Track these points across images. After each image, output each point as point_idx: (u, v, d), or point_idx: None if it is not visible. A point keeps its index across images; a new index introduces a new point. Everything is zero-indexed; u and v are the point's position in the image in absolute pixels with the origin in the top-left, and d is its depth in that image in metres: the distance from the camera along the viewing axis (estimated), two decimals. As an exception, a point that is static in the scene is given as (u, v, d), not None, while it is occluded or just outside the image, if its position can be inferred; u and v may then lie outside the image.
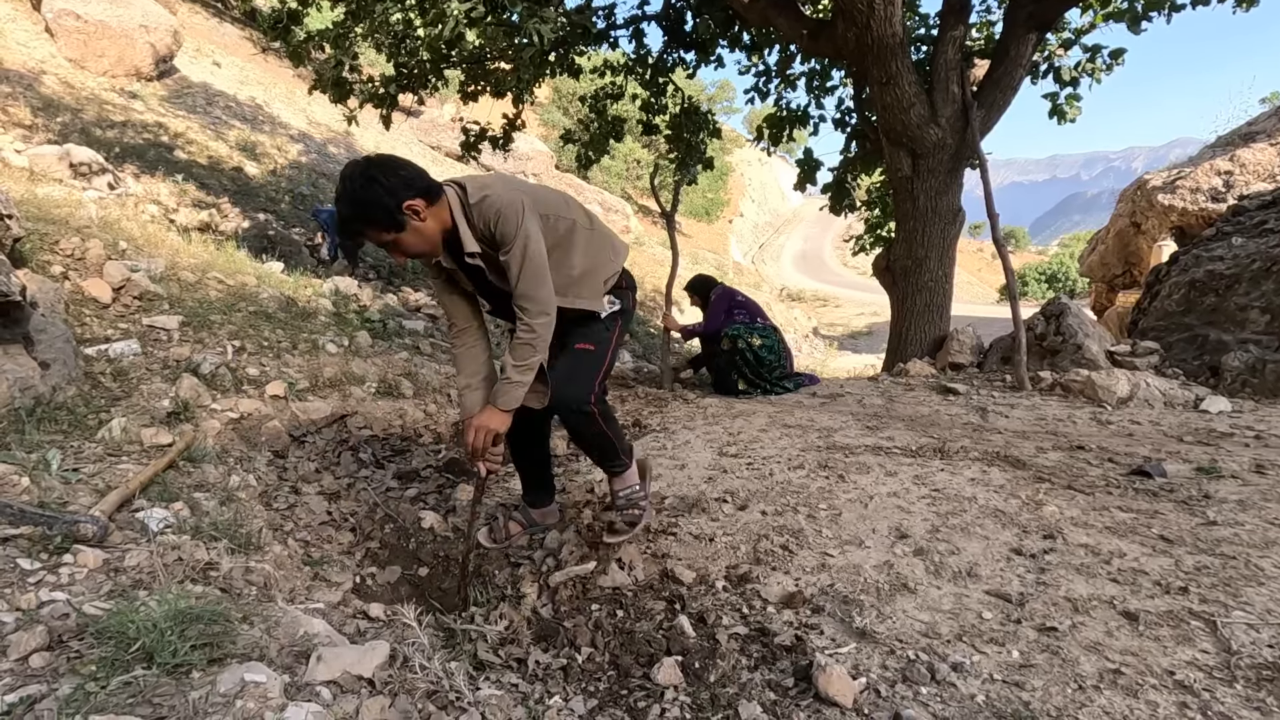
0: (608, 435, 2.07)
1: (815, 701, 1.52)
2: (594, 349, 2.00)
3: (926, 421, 3.73)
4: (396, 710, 1.34)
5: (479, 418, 1.89)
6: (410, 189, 1.66)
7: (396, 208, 1.65)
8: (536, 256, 1.77)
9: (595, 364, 2.00)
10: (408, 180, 1.67)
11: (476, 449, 1.90)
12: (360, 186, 1.64)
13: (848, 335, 21.98)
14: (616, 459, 2.16)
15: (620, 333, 2.10)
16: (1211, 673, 1.55)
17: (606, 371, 2.04)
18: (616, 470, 2.19)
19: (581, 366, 1.98)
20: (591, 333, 2.03)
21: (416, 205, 1.67)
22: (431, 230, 1.73)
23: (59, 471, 1.92)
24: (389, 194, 1.64)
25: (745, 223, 40.11)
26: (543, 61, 6.99)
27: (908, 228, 6.11)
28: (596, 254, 2.01)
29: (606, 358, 2.03)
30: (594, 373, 1.99)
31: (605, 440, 2.09)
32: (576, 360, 1.99)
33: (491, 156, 15.54)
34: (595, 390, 1.98)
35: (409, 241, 1.72)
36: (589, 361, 1.99)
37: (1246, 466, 2.82)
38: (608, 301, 2.06)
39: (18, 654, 1.21)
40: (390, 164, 1.69)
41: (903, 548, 2.19)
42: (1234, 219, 6.00)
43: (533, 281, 1.77)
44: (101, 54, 11.42)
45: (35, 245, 3.30)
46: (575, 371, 1.98)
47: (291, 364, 3.39)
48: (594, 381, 1.98)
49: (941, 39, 5.77)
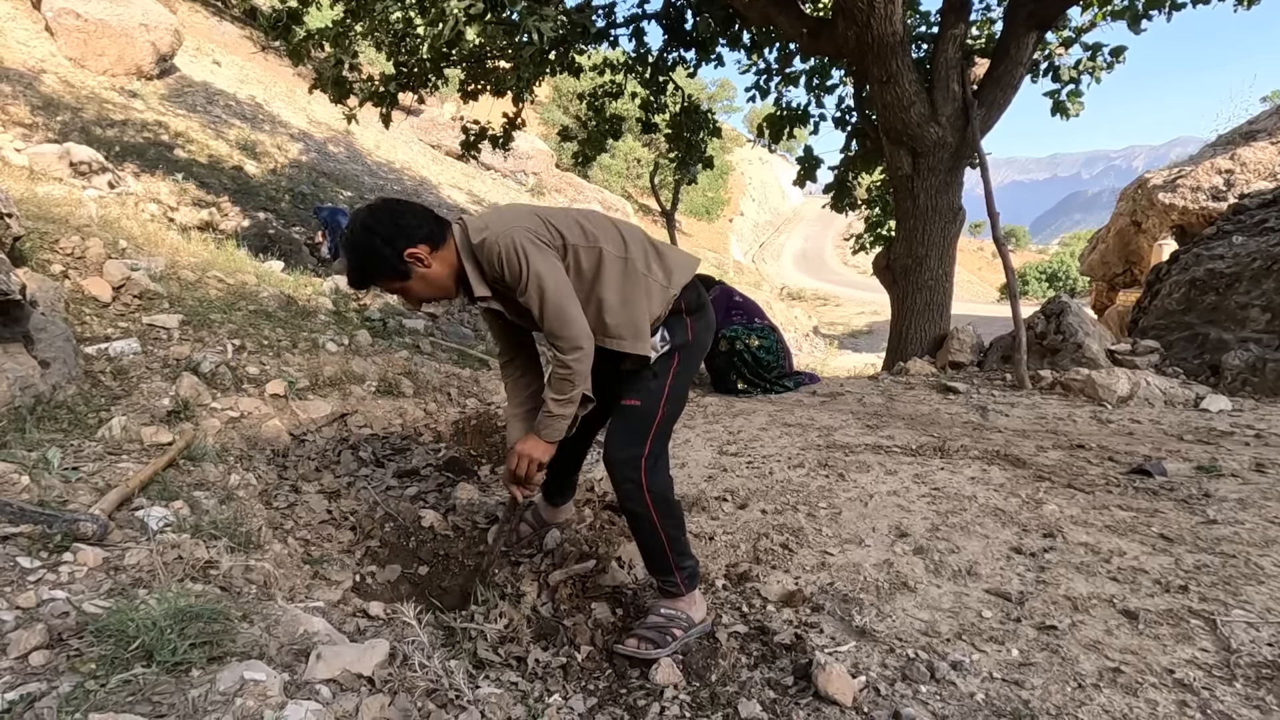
0: (658, 530, 1.76)
1: (815, 700, 1.52)
2: (640, 404, 1.77)
3: (926, 420, 3.73)
4: (396, 708, 1.34)
5: (523, 445, 1.78)
6: (410, 237, 1.63)
7: (397, 257, 1.62)
8: (554, 291, 1.61)
9: (643, 421, 1.76)
10: (407, 229, 1.63)
11: (518, 476, 1.81)
12: (360, 239, 1.63)
13: (848, 334, 21.97)
14: (667, 574, 1.80)
15: (677, 374, 1.81)
16: (1211, 671, 1.55)
17: (662, 428, 1.78)
18: (669, 590, 1.83)
19: (628, 426, 1.78)
20: (638, 383, 1.78)
21: (418, 253, 1.64)
22: (439, 275, 1.68)
23: (59, 470, 1.92)
24: (387, 244, 1.61)
25: (745, 222, 40.12)
26: (543, 60, 6.99)
27: (908, 226, 6.10)
28: (633, 287, 1.74)
29: (658, 412, 1.77)
30: (642, 432, 1.76)
31: (653, 536, 1.77)
32: (622, 419, 1.79)
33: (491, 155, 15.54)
34: (646, 452, 1.75)
35: (417, 289, 1.69)
36: (635, 419, 1.77)
37: (1247, 465, 2.82)
38: (659, 339, 1.79)
39: (18, 652, 1.21)
40: (390, 212, 1.67)
41: (902, 546, 2.19)
42: (1235, 217, 5.99)
43: (557, 318, 1.62)
44: (101, 53, 11.41)
45: (35, 244, 3.30)
46: (621, 432, 1.78)
47: (291, 363, 3.39)
48: (644, 442, 1.75)
49: (942, 37, 5.76)
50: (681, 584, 1.82)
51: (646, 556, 1.84)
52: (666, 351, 1.80)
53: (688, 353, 1.84)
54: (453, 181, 17.98)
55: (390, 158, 16.80)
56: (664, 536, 1.77)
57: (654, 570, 1.84)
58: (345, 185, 12.91)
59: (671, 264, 1.81)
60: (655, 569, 1.84)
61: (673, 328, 1.81)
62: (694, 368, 1.86)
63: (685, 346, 1.83)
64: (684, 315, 1.83)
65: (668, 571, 1.81)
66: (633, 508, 1.76)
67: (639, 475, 1.73)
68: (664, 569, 1.81)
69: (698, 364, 1.89)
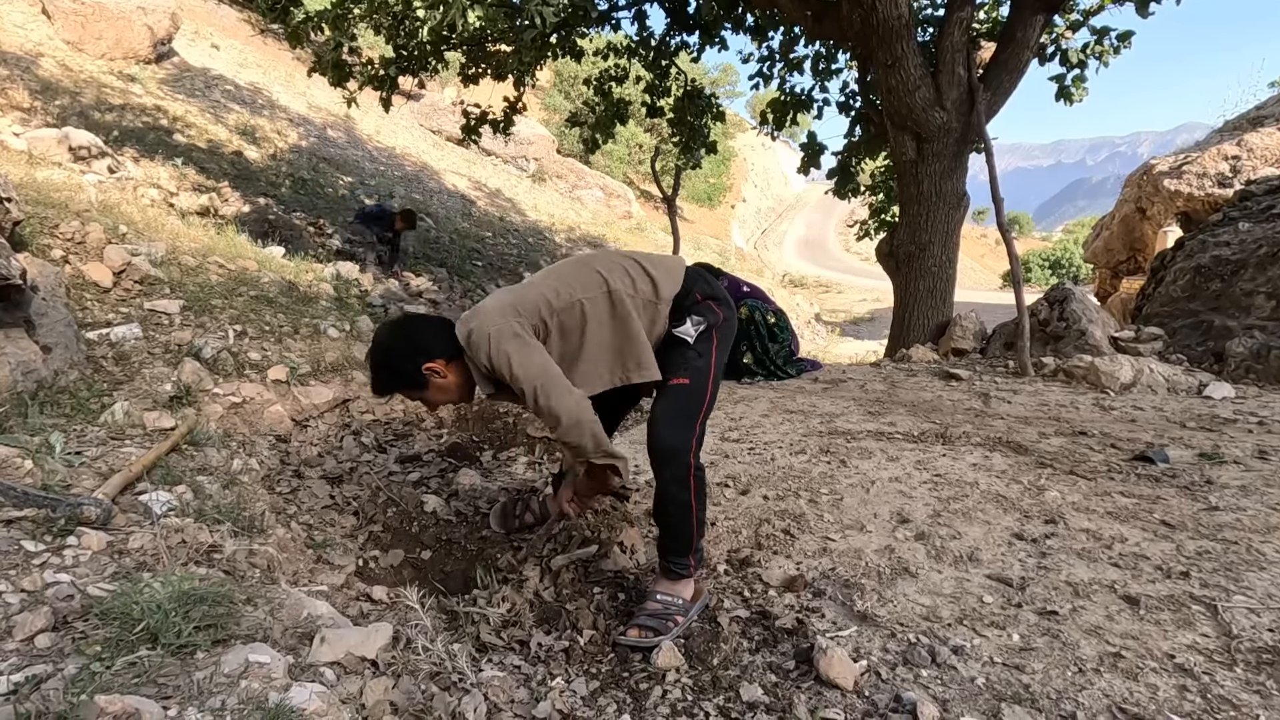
0: (692, 513, 1.76)
1: (816, 684, 1.53)
2: (689, 383, 1.74)
3: (929, 407, 3.73)
4: (400, 691, 1.35)
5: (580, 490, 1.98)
6: (427, 354, 1.77)
7: (415, 371, 1.77)
8: (536, 378, 1.66)
9: (692, 403, 1.74)
10: (425, 346, 1.78)
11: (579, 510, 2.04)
12: (383, 354, 1.80)
13: (850, 321, 21.92)
14: (684, 554, 1.81)
15: (719, 352, 1.81)
16: (1211, 656, 1.56)
17: (707, 411, 1.77)
18: (677, 571, 1.82)
19: (679, 409, 1.74)
20: (685, 361, 1.75)
21: (435, 367, 1.77)
22: (455, 384, 1.81)
23: (62, 455, 1.93)
24: (407, 359, 1.77)
25: (748, 208, 39.90)
26: (544, 43, 6.93)
27: (911, 212, 6.07)
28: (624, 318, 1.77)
29: (706, 391, 1.75)
30: (692, 415, 1.74)
31: (687, 519, 1.77)
32: (672, 400, 1.75)
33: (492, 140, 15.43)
34: (695, 434, 1.74)
35: (434, 398, 1.84)
36: (685, 401, 1.74)
37: (1249, 452, 2.82)
38: (691, 324, 1.79)
39: (23, 634, 1.22)
40: (410, 329, 1.84)
41: (904, 532, 2.19)
42: (1241, 204, 5.95)
43: (546, 403, 1.66)
44: (99, 36, 11.32)
45: (35, 229, 3.29)
46: (671, 415, 1.74)
47: (293, 348, 3.38)
48: (694, 425, 1.73)
49: (948, 21, 5.69)
50: (693, 567, 1.83)
51: (671, 539, 1.82)
52: (704, 329, 1.80)
53: (722, 331, 1.85)
54: (454, 167, 17.88)
55: (390, 143, 16.70)
56: (695, 520, 1.78)
57: (671, 553, 1.83)
58: (346, 171, 12.85)
59: (657, 275, 1.83)
60: (674, 551, 1.82)
61: (700, 312, 1.82)
62: (728, 348, 1.88)
63: (718, 324, 1.84)
64: (705, 302, 1.85)
65: (685, 554, 1.82)
66: (676, 492, 1.75)
67: (688, 459, 1.73)
68: (684, 550, 1.81)
69: (730, 344, 1.90)
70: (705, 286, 1.87)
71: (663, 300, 1.81)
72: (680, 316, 1.81)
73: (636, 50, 8.16)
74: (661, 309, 1.81)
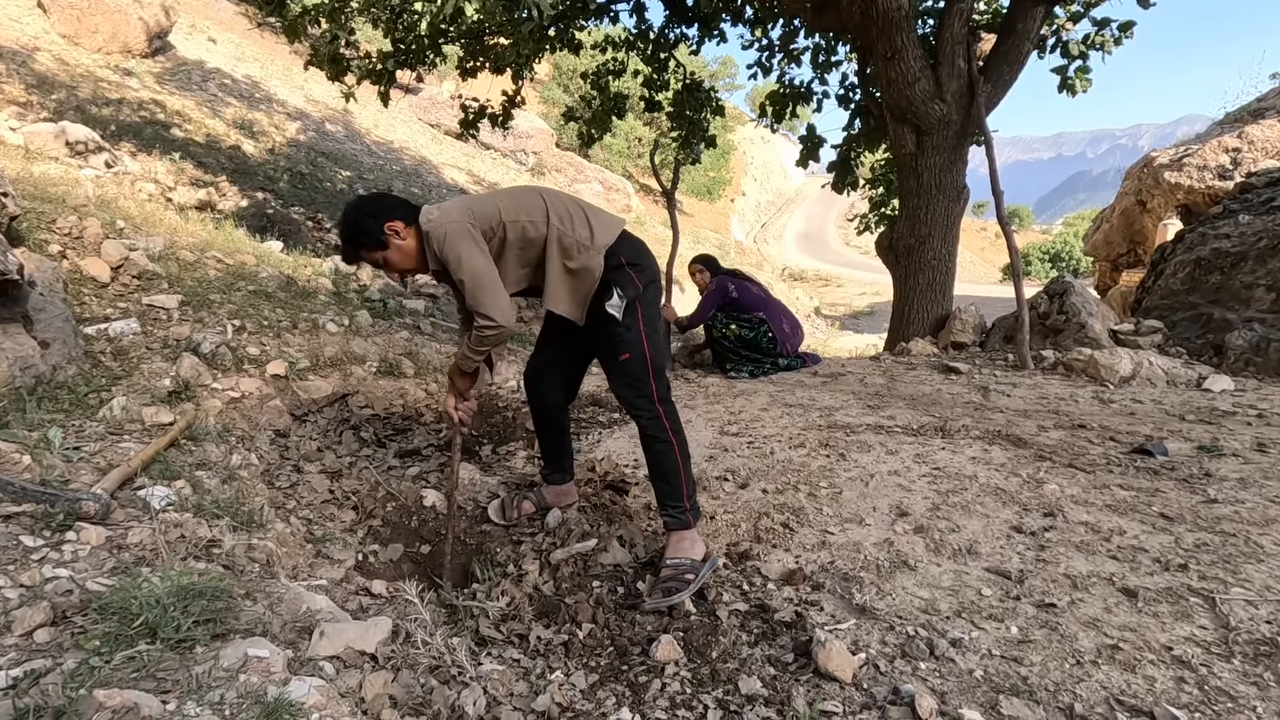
0: (674, 448, 2.02)
1: (815, 676, 1.53)
2: (630, 356, 2.04)
3: (928, 400, 3.73)
4: (399, 684, 1.35)
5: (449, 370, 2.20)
6: (389, 214, 1.99)
7: (379, 229, 1.98)
8: (475, 275, 1.92)
9: (639, 367, 2.04)
10: (387, 206, 2.02)
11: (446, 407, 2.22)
12: (350, 216, 2.02)
13: (850, 315, 21.91)
14: (679, 498, 2.02)
15: (645, 318, 2.07)
16: (1209, 648, 1.56)
17: (657, 366, 2.06)
18: (676, 517, 2.02)
19: (630, 376, 2.05)
20: (618, 339, 2.03)
21: (396, 226, 1.99)
22: (412, 248, 2.02)
23: (60, 450, 1.92)
24: (371, 218, 1.99)
25: (747, 202, 39.81)
26: (542, 36, 6.89)
27: (911, 205, 6.05)
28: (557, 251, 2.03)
29: (646, 355, 2.05)
30: (642, 377, 2.04)
31: (670, 454, 2.02)
32: (623, 373, 2.05)
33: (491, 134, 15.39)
34: (653, 388, 2.04)
35: (395, 258, 2.03)
36: (633, 369, 2.04)
37: (1248, 445, 2.82)
38: (617, 296, 2.02)
39: (22, 629, 1.22)
40: (375, 197, 2.09)
41: (903, 525, 2.19)
42: (1241, 196, 5.93)
43: (479, 297, 1.92)
44: (95, 30, 11.26)
45: (32, 224, 3.27)
46: (629, 383, 2.05)
47: (292, 343, 3.38)
48: (649, 381, 2.04)
49: (948, 12, 5.66)
50: (689, 513, 2.02)
51: (662, 483, 2.04)
52: (627, 304, 2.03)
53: (645, 297, 2.07)
54: (452, 161, 17.82)
55: (389, 137, 16.64)
56: (679, 456, 2.02)
57: (666, 498, 2.03)
58: (344, 165, 12.81)
59: (595, 224, 2.06)
60: (668, 496, 2.03)
61: (621, 283, 2.03)
62: (656, 308, 2.12)
63: (639, 294, 2.05)
64: (626, 268, 2.05)
65: (679, 498, 2.02)
66: (654, 433, 2.03)
67: (654, 406, 2.03)
68: (676, 494, 2.02)
69: (658, 302, 2.14)
70: (632, 251, 2.09)
71: (595, 247, 2.03)
72: (606, 287, 2.03)
73: (635, 43, 8.12)
74: (594, 254, 2.02)
